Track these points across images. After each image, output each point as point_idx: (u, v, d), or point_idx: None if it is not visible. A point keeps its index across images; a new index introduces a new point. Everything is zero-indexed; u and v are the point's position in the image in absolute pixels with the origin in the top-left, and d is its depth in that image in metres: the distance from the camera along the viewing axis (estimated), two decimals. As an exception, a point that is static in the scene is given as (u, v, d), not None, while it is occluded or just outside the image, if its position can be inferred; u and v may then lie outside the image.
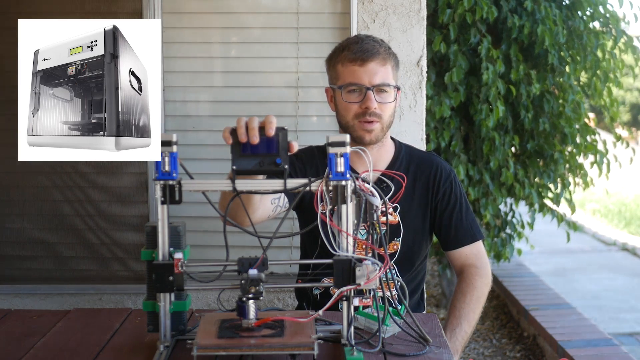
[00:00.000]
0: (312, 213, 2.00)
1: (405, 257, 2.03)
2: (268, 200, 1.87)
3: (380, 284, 1.45)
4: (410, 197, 2.03)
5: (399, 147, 2.11)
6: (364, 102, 1.93)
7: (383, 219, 1.94)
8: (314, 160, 2.07)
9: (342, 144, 1.38)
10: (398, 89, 2.00)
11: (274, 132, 1.41)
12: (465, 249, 2.06)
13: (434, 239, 2.19)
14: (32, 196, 2.99)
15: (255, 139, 1.41)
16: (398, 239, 2.02)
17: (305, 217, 2.07)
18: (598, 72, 3.73)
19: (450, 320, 2.00)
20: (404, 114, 2.81)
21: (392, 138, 2.13)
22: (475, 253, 2.07)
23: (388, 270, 1.47)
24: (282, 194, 1.91)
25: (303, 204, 2.01)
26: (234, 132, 1.43)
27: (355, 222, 1.41)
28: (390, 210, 2.00)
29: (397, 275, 2.00)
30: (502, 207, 3.83)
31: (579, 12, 3.72)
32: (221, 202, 1.79)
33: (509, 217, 3.95)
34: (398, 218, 2.01)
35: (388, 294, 1.51)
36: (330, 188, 1.40)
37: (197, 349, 1.34)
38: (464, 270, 2.06)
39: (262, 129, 1.42)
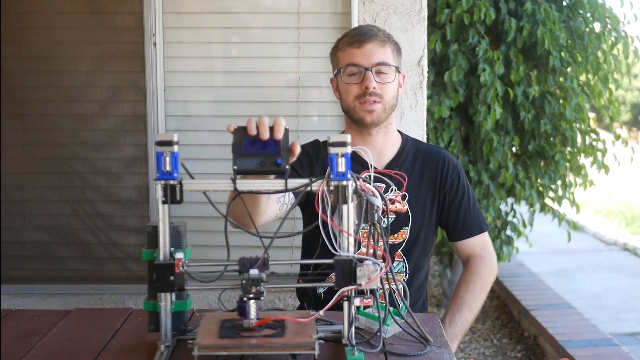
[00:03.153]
0: (316, 211, 2.01)
1: (413, 246, 2.04)
2: (274, 200, 1.87)
3: (382, 284, 1.45)
4: (418, 187, 2.05)
5: (406, 139, 2.13)
6: (363, 82, 1.95)
7: (391, 206, 1.95)
8: (320, 154, 2.08)
9: (343, 144, 1.38)
10: (399, 71, 2.01)
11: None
12: (472, 240, 2.09)
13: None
14: (33, 196, 2.99)
15: (266, 134, 1.42)
16: (407, 228, 2.03)
17: (310, 215, 2.07)
18: (599, 73, 3.73)
19: (451, 307, 2.03)
20: (404, 113, 2.81)
21: (399, 131, 2.15)
22: (482, 243, 2.10)
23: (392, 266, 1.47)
24: (285, 200, 1.92)
25: (309, 202, 2.02)
26: (237, 130, 1.43)
27: (357, 222, 1.41)
28: (399, 198, 2.01)
29: (404, 267, 2.01)
30: (502, 206, 3.83)
31: (580, 12, 3.71)
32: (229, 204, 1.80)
33: (509, 217, 3.94)
34: (407, 207, 2.02)
35: (390, 288, 1.51)
36: (331, 188, 1.40)
37: (198, 348, 1.34)
38: (470, 260, 2.10)
39: (269, 129, 1.43)
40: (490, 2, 3.40)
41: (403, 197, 2.03)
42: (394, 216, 2.00)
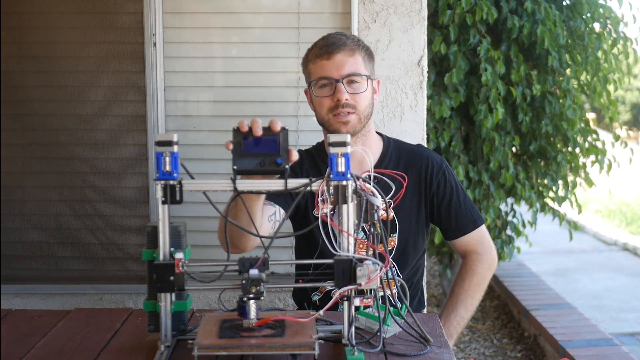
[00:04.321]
0: (305, 218, 2.00)
1: (403, 253, 2.02)
2: (265, 220, 1.85)
3: (381, 283, 1.45)
4: (403, 192, 2.01)
5: (387, 142, 2.08)
6: (335, 94, 1.92)
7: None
8: (303, 166, 2.05)
9: (342, 144, 1.38)
10: (370, 78, 1.96)
11: (276, 134, 1.41)
12: (466, 237, 2.06)
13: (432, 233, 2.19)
14: (33, 196, 2.99)
15: (259, 130, 1.41)
16: (395, 235, 2.00)
17: (300, 223, 2.05)
18: (599, 73, 3.73)
19: (446, 306, 2.02)
20: (404, 113, 2.81)
21: (379, 133, 2.11)
22: (477, 239, 2.07)
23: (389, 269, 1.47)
24: (277, 209, 1.90)
25: (298, 211, 2.01)
26: (237, 130, 1.43)
27: (356, 222, 1.41)
28: (383, 206, 1.99)
29: (397, 274, 2.00)
30: (502, 206, 3.83)
31: (580, 12, 3.72)
32: (220, 232, 1.78)
33: (509, 217, 3.94)
34: (392, 213, 1.99)
35: (388, 292, 1.51)
36: (331, 188, 1.40)
37: (197, 349, 1.34)
38: (466, 256, 2.08)
39: (266, 129, 1.43)
40: (491, 1, 3.40)
41: (388, 205, 1.99)
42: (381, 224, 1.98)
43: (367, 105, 1.95)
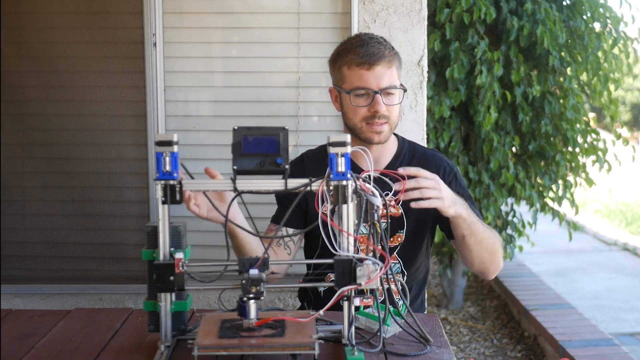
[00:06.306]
0: (314, 215, 2.00)
1: (409, 249, 2.04)
2: (284, 253, 1.97)
3: (381, 283, 1.45)
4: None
5: (402, 142, 2.12)
6: (372, 105, 1.94)
7: (384, 211, 1.94)
8: (305, 168, 2.05)
9: (342, 144, 1.38)
10: (405, 89, 2.00)
11: (276, 134, 1.41)
12: None
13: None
14: (33, 196, 2.99)
15: None
16: (402, 231, 2.02)
17: (310, 219, 2.06)
18: (599, 73, 3.73)
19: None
20: (404, 113, 2.81)
21: (395, 134, 2.14)
22: None
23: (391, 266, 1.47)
24: (291, 239, 1.98)
25: (308, 211, 2.02)
26: (237, 130, 1.43)
27: (356, 222, 1.41)
28: (393, 202, 2.01)
29: (400, 269, 2.01)
30: (503, 207, 3.83)
31: (580, 12, 3.72)
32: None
33: (509, 217, 3.94)
34: (401, 210, 2.01)
35: (389, 288, 1.51)
36: (331, 188, 1.40)
37: (197, 348, 1.34)
38: None
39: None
40: (490, 1, 3.40)
41: (397, 202, 2.01)
42: (389, 220, 1.99)
43: (397, 115, 2.00)
